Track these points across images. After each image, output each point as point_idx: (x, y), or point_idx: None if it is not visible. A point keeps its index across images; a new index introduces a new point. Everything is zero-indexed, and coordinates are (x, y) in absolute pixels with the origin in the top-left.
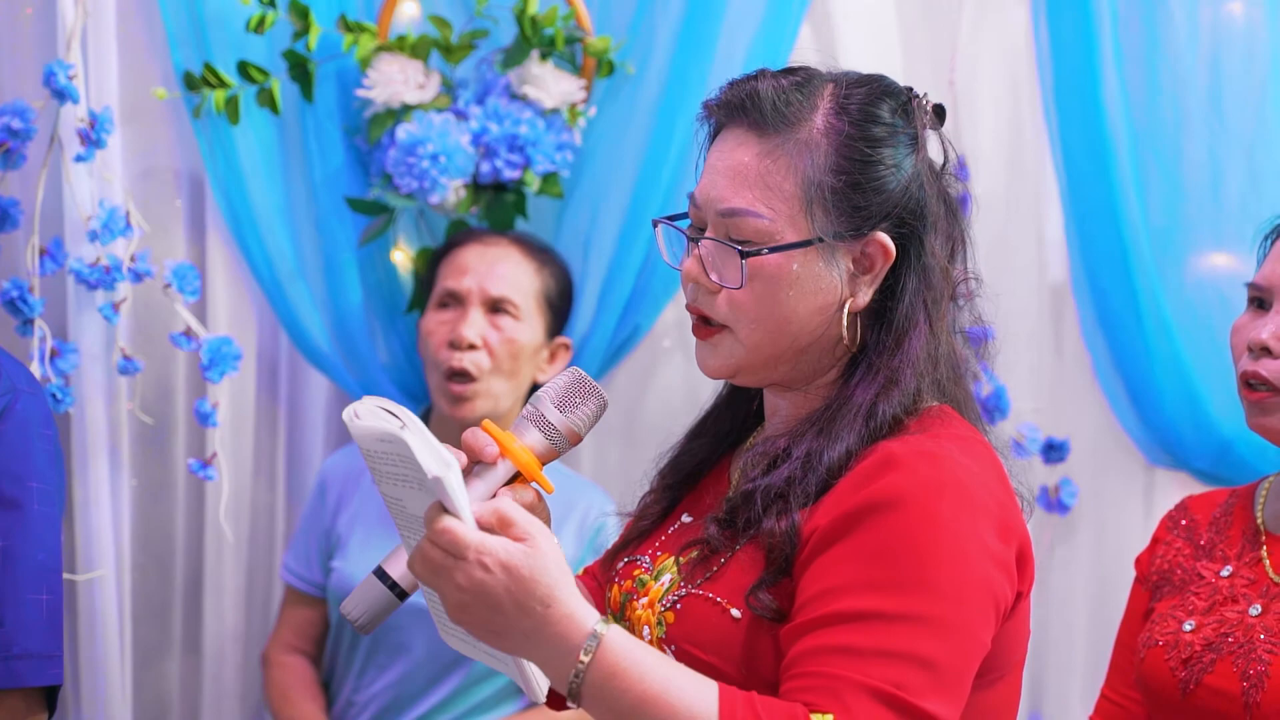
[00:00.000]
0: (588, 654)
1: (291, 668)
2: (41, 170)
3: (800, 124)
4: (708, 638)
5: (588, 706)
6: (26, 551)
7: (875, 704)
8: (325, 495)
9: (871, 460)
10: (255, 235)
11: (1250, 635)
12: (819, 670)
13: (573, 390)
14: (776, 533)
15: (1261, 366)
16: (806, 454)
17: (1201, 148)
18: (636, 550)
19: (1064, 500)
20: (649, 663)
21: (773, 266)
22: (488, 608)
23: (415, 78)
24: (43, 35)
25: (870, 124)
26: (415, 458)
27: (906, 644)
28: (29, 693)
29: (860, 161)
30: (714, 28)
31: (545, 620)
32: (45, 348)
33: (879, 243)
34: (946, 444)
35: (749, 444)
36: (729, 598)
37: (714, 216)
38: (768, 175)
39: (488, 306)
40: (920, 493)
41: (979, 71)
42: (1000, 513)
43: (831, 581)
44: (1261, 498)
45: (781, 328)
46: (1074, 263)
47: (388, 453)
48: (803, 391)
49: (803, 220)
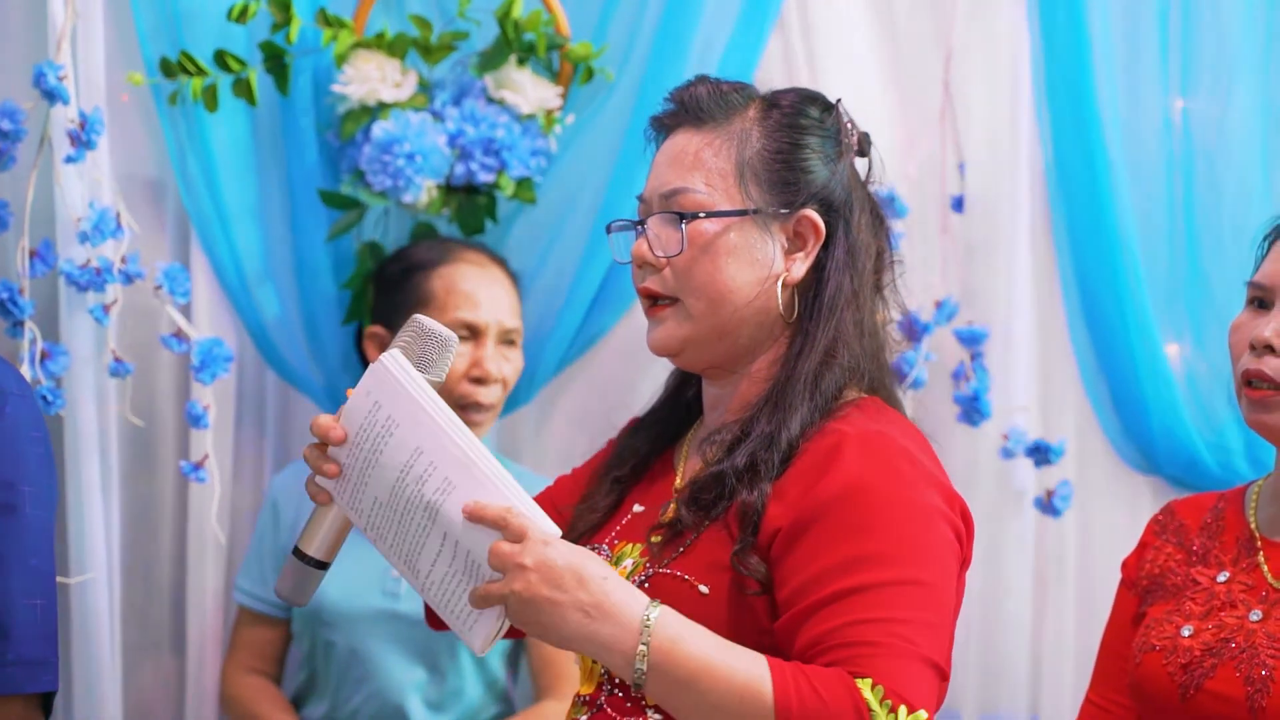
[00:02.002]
0: (649, 623)
1: (254, 686)
2: (31, 171)
3: (734, 117)
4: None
5: (652, 677)
6: (19, 556)
7: (900, 660)
8: (278, 514)
9: (825, 442)
10: (225, 232)
11: (1252, 640)
12: (843, 642)
13: (426, 347)
14: (750, 502)
15: (1265, 364)
16: (765, 432)
17: (1178, 152)
18: (590, 540)
19: (1056, 505)
20: (703, 631)
21: (710, 233)
22: (551, 585)
23: (392, 76)
24: (31, 36)
25: (798, 116)
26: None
27: (905, 607)
28: (25, 699)
29: (789, 144)
30: (689, 37)
31: (604, 592)
32: (35, 350)
33: (809, 219)
34: (885, 426)
35: (689, 437)
36: (696, 574)
37: (658, 201)
38: (704, 157)
39: (501, 340)
40: (875, 468)
41: (972, 73)
42: (941, 483)
43: (818, 567)
44: (1253, 503)
45: (723, 295)
46: (1062, 264)
47: (358, 430)
48: (744, 375)
49: (737, 193)
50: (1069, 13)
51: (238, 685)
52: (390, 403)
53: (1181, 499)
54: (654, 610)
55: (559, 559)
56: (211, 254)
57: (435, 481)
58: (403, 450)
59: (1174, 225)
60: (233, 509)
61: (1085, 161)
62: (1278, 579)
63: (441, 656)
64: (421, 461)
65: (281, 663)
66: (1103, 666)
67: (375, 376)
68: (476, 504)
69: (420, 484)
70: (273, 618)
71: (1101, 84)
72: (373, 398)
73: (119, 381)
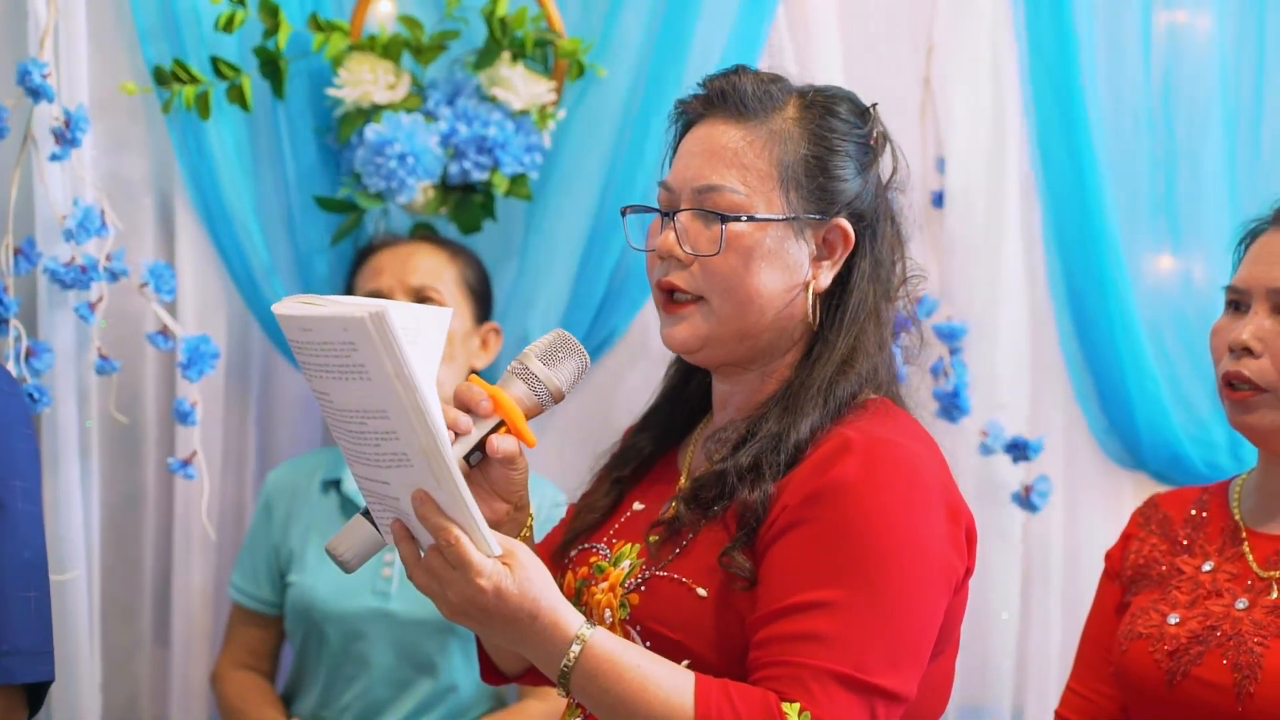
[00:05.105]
0: (570, 659)
1: (245, 681)
2: (15, 169)
3: (774, 114)
4: (676, 617)
5: (580, 700)
6: (12, 550)
7: (837, 687)
8: (271, 511)
9: (829, 446)
10: (229, 232)
11: (1238, 628)
12: (784, 659)
13: (557, 347)
14: (750, 502)
15: (1243, 366)
16: (773, 432)
17: (1158, 152)
18: (589, 539)
19: (1034, 500)
20: (628, 659)
21: (748, 237)
22: (478, 620)
23: (385, 78)
24: (13, 33)
25: (833, 118)
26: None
27: (864, 627)
28: (10, 690)
29: (827, 149)
30: (687, 31)
31: (531, 630)
32: (20, 348)
33: (840, 228)
34: (897, 431)
35: (696, 436)
36: (695, 577)
37: (690, 194)
38: (744, 155)
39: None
40: (874, 479)
41: (953, 68)
42: (947, 495)
43: (791, 571)
44: (1236, 495)
45: (752, 299)
46: (1050, 260)
47: (322, 342)
48: (758, 375)
49: (777, 198)
50: (1053, 8)
51: (230, 681)
52: (367, 357)
53: (1164, 493)
54: (576, 648)
55: (488, 603)
56: (221, 252)
57: (393, 447)
58: (367, 399)
59: (1157, 222)
60: (221, 506)
61: (1071, 158)
62: (1263, 568)
63: (433, 655)
64: (385, 424)
65: (275, 659)
66: (1085, 656)
67: (354, 330)
68: (425, 509)
69: (379, 438)
70: (266, 615)
71: (1086, 80)
72: (349, 336)
73: (102, 379)
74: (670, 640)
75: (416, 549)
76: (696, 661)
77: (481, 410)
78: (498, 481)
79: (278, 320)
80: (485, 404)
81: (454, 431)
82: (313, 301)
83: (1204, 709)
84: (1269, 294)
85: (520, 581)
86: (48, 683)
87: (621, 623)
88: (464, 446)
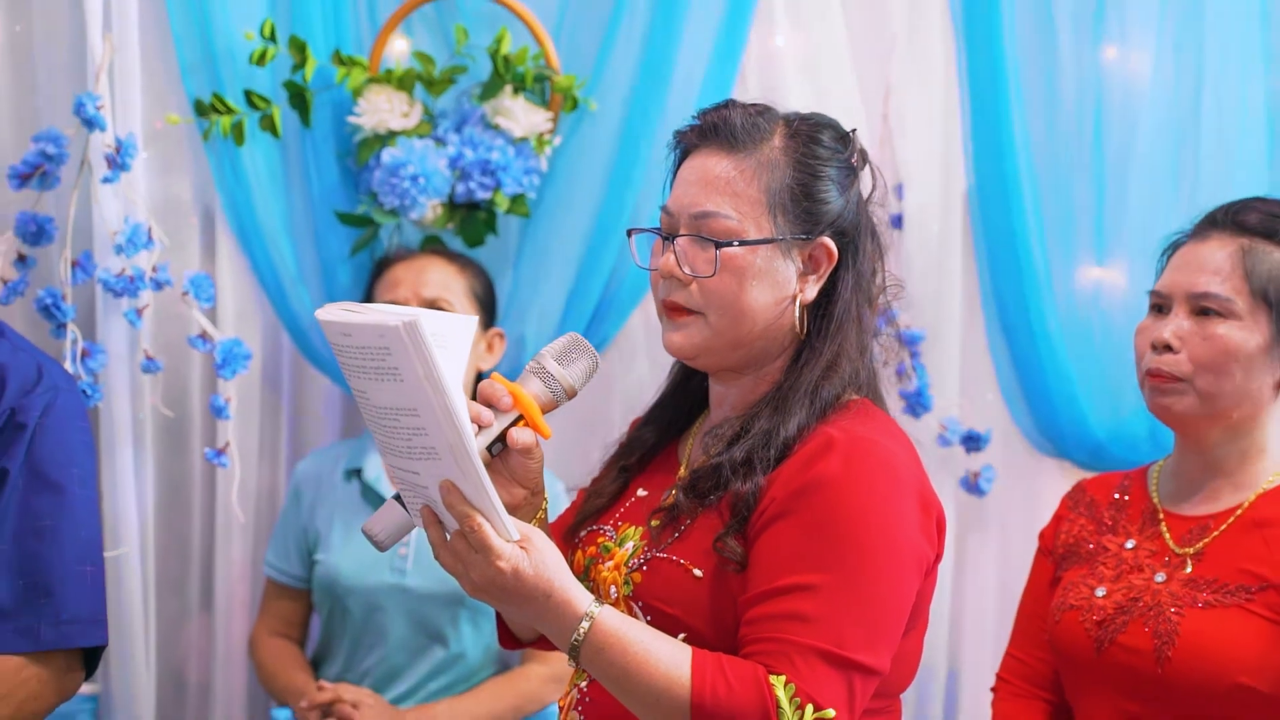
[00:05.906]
0: (580, 634)
1: (278, 648)
2: (73, 191)
3: (762, 144)
4: (674, 595)
5: (588, 670)
6: (71, 529)
7: (819, 662)
8: (300, 497)
9: (815, 443)
10: (261, 245)
11: (1158, 599)
12: (772, 636)
13: (570, 348)
14: (742, 492)
15: (1163, 362)
16: (764, 430)
17: (1085, 174)
18: (597, 521)
19: (981, 485)
20: (633, 635)
21: (740, 259)
22: (498, 597)
23: (400, 107)
24: (73, 67)
25: (816, 146)
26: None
27: (843, 608)
28: (70, 653)
29: (811, 175)
30: (668, 68)
31: (546, 608)
32: (77, 349)
33: (825, 246)
34: (875, 430)
35: (695, 430)
36: (692, 559)
37: (687, 220)
38: (736, 184)
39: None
40: (854, 474)
41: (908, 107)
42: (920, 488)
43: (779, 557)
44: (1154, 480)
45: (745, 314)
46: (981, 277)
47: (360, 346)
48: (751, 378)
49: (766, 221)
50: (989, 56)
51: (265, 647)
52: (400, 361)
53: (1090, 478)
54: (586, 624)
55: (507, 583)
56: (254, 263)
57: (423, 441)
58: (400, 399)
59: (1085, 238)
60: (256, 491)
61: (1000, 184)
62: (1179, 545)
63: (444, 626)
64: (415, 420)
65: (304, 628)
66: (1022, 625)
67: (389, 337)
68: (451, 498)
69: (411, 433)
70: (296, 589)
71: (1016, 115)
72: (385, 342)
73: (151, 376)
74: (669, 615)
75: (444, 533)
76: (692, 635)
77: (502, 405)
78: (516, 469)
79: (321, 325)
80: (506, 400)
81: (477, 424)
82: (352, 309)
83: (1128, 672)
84: (1188, 298)
85: (536, 564)
86: (102, 647)
87: (625, 598)
88: (486, 438)
